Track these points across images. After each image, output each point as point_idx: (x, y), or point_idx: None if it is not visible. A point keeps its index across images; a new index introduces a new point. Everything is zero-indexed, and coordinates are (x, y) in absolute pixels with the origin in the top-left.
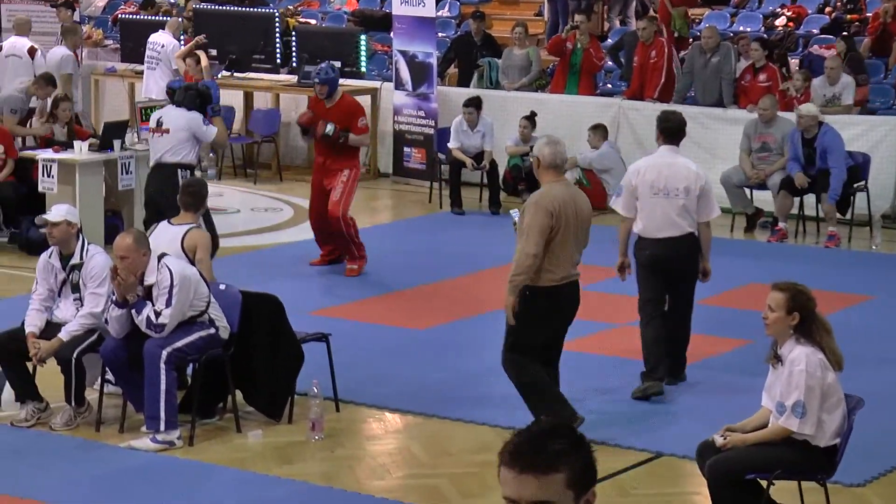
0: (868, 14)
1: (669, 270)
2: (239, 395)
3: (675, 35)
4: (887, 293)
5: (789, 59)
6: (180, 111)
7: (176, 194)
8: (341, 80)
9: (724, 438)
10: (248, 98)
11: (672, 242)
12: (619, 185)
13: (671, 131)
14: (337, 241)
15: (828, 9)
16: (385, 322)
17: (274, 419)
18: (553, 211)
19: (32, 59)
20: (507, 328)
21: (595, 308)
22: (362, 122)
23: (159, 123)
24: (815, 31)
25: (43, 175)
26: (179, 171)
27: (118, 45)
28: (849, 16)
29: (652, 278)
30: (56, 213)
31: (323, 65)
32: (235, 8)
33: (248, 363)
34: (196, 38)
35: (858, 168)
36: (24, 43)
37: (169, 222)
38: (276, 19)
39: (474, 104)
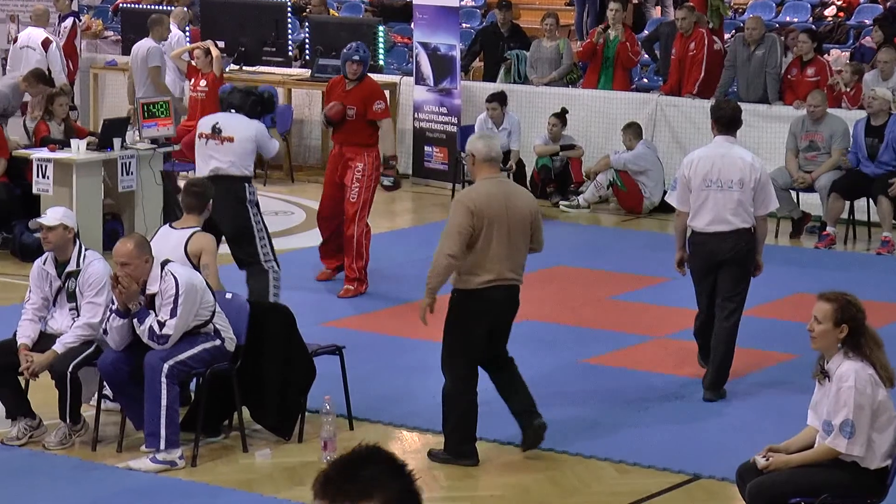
0: None
1: (720, 266)
2: (246, 411)
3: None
4: None
5: (840, 51)
6: (242, 119)
7: (240, 211)
8: None
9: (767, 460)
10: None
11: (725, 237)
12: (674, 178)
13: (725, 120)
14: (344, 248)
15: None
16: (403, 334)
17: (283, 438)
18: (474, 210)
19: (46, 50)
20: (443, 331)
21: (631, 319)
22: (378, 105)
23: (216, 130)
24: (868, 21)
25: (38, 176)
26: (247, 185)
27: (119, 37)
28: None
29: (705, 274)
30: (52, 216)
31: (355, 43)
32: None
33: (255, 377)
34: (201, 42)
35: None
36: (39, 34)
37: (171, 226)
38: (289, 9)
39: (499, 99)
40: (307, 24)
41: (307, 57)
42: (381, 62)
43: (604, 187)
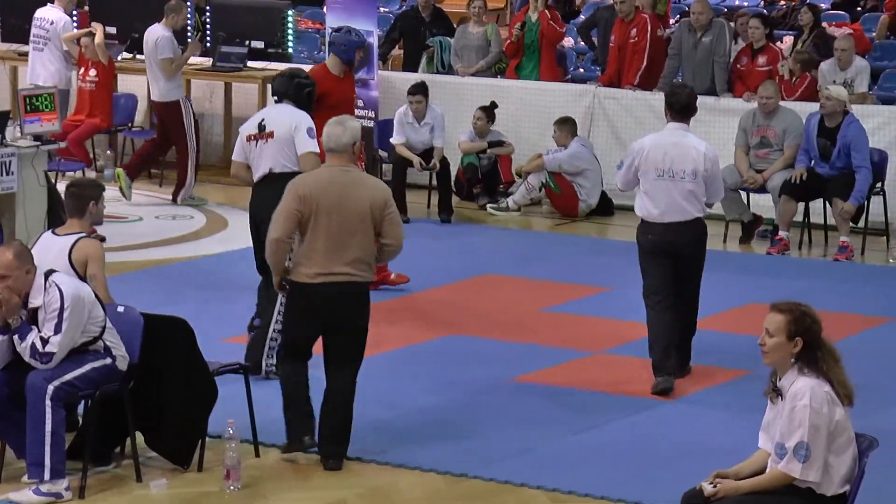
0: None
1: (677, 257)
2: (140, 437)
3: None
4: None
5: (794, 38)
6: (285, 110)
7: None
8: (263, 64)
9: (715, 486)
10: None
11: (678, 228)
12: (622, 159)
13: (679, 106)
14: None
15: None
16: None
17: (181, 466)
18: (304, 195)
19: None
20: None
21: (566, 333)
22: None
23: (262, 128)
24: (825, 6)
25: None
26: None
27: None
28: None
29: (657, 265)
30: None
31: (347, 27)
32: None
33: (150, 400)
34: (91, 26)
35: (876, 167)
36: None
37: (54, 232)
38: None
39: (422, 91)
40: (207, 7)
41: (208, 44)
42: (290, 50)
43: (536, 189)
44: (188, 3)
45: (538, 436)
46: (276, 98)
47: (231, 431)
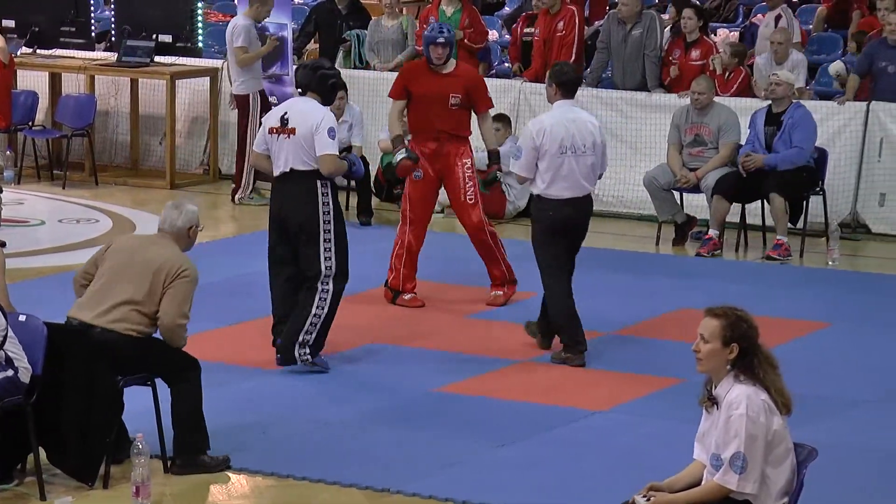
0: None
1: (575, 232)
2: (43, 453)
3: None
4: (846, 320)
5: (728, 31)
6: (309, 105)
7: (311, 209)
8: (171, 59)
9: (648, 500)
10: (56, 81)
11: (579, 203)
12: (518, 147)
13: (571, 84)
14: (484, 257)
15: None
16: (228, 360)
17: (86, 483)
18: (106, 250)
19: None
20: None
21: (492, 341)
22: (487, 93)
23: (284, 122)
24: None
25: None
26: (319, 181)
27: None
28: None
29: (557, 241)
30: None
31: (437, 23)
32: None
33: (54, 413)
34: None
35: (814, 166)
36: None
37: None
38: None
39: (343, 87)
40: (112, 0)
41: (112, 39)
42: (200, 44)
43: None
44: None
45: (464, 448)
46: (299, 91)
47: (140, 447)
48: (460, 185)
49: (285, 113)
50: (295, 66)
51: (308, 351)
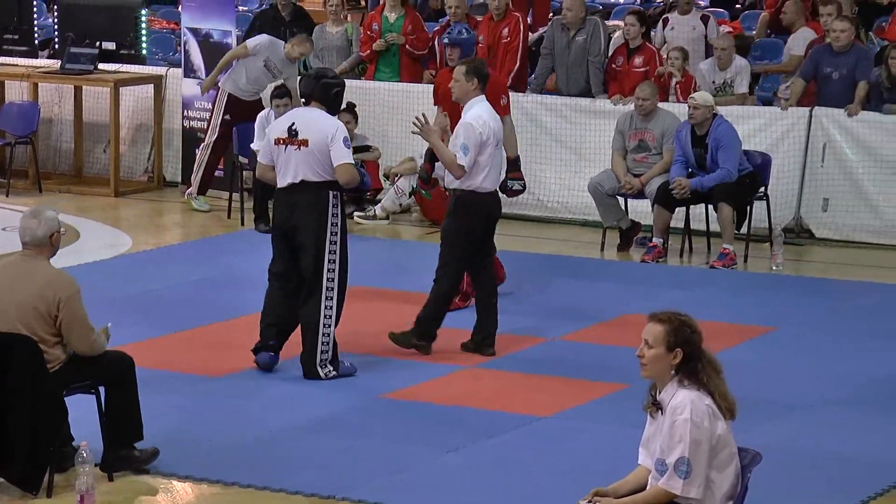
0: None
1: (495, 223)
2: None
3: None
4: (790, 324)
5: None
6: (319, 115)
7: (320, 221)
8: (115, 66)
9: None
10: None
11: (497, 195)
12: (465, 145)
13: (487, 80)
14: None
15: None
16: (172, 368)
17: (30, 492)
18: None
19: None
20: None
21: (439, 346)
22: (504, 100)
23: (294, 133)
24: (703, 2)
25: None
26: (330, 193)
27: None
28: None
29: (478, 235)
30: None
31: (458, 25)
32: None
33: None
34: None
35: (757, 172)
36: None
37: None
38: None
39: (287, 94)
40: (55, 7)
41: (55, 46)
42: (144, 52)
43: (405, 194)
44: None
45: (409, 455)
46: (303, 100)
47: (84, 455)
48: None
49: (293, 123)
50: (298, 77)
51: (330, 368)
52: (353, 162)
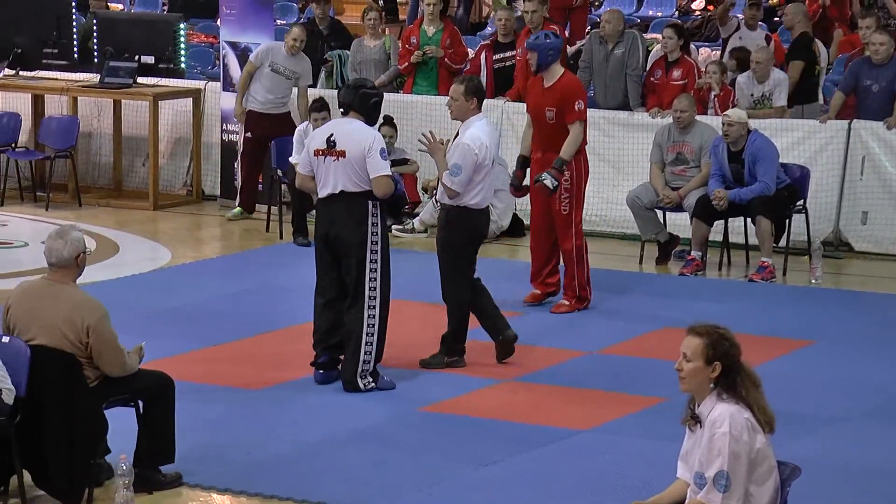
0: None
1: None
2: (27, 475)
3: None
4: (829, 337)
5: (710, 50)
6: (357, 126)
7: (360, 229)
8: (154, 80)
9: None
10: (38, 102)
11: (487, 212)
12: (457, 165)
13: (484, 95)
14: (564, 266)
15: None
16: (210, 381)
17: None
18: (7, 304)
19: None
20: None
21: (476, 360)
22: (579, 105)
23: (332, 144)
24: (741, 16)
25: None
26: (370, 202)
27: None
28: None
29: (474, 251)
30: None
31: (544, 31)
32: None
33: (38, 435)
34: None
35: (795, 185)
36: None
37: None
38: (73, 4)
39: (326, 108)
40: (94, 21)
41: (95, 59)
42: (182, 65)
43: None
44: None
45: (445, 469)
46: (341, 110)
47: (124, 467)
48: (557, 197)
49: (331, 135)
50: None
51: (370, 380)
52: (389, 174)
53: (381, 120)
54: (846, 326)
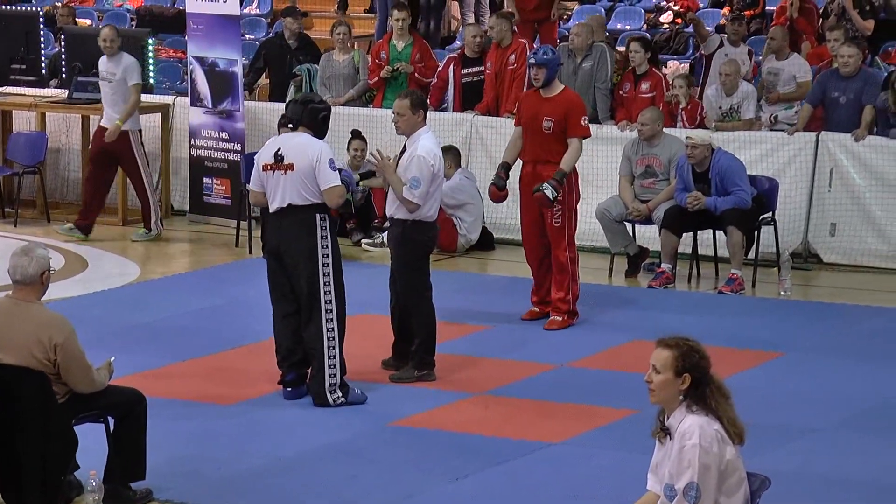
0: (770, 8)
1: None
2: None
3: None
4: (798, 349)
5: (678, 63)
6: (304, 139)
7: (309, 242)
8: None
9: None
10: (6, 118)
11: (436, 224)
12: (416, 178)
13: (427, 108)
14: (554, 280)
15: (725, 8)
16: (181, 396)
17: None
18: None
19: None
20: None
21: (447, 373)
22: (585, 121)
23: (279, 158)
24: (709, 29)
25: None
26: (318, 215)
27: None
28: (745, 11)
29: (427, 262)
30: None
31: (543, 46)
32: None
33: (8, 452)
34: None
35: (764, 196)
36: None
37: None
38: (41, 19)
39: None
40: (62, 36)
41: (63, 75)
42: (151, 80)
43: None
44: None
45: (418, 483)
46: (290, 125)
47: (94, 483)
48: (550, 211)
49: (279, 149)
50: (286, 101)
51: (340, 393)
52: (339, 183)
53: (350, 134)
54: (815, 338)
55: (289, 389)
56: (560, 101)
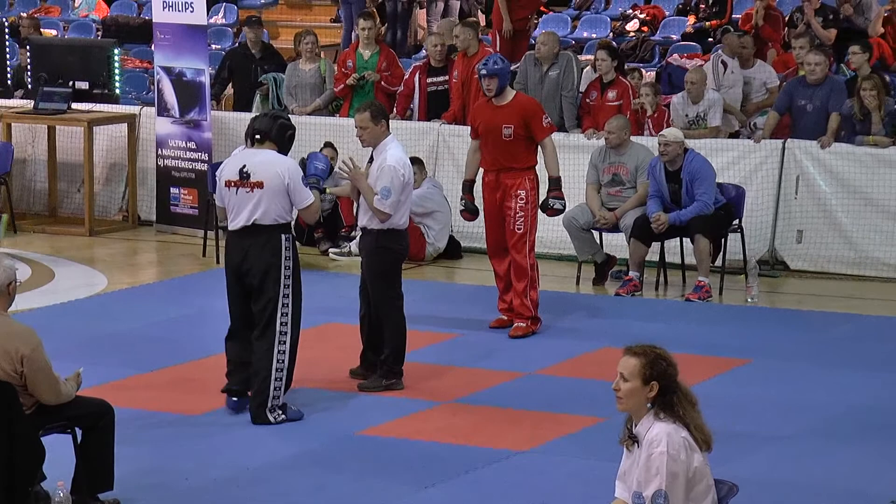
0: (736, 16)
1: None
2: None
3: None
4: (766, 356)
5: (645, 71)
6: (271, 156)
7: (273, 262)
8: (88, 105)
9: None
10: None
11: (407, 233)
12: (386, 188)
13: (388, 116)
14: (514, 286)
15: (691, 16)
16: (148, 407)
17: None
18: None
19: None
20: None
21: (414, 382)
22: (546, 120)
23: (245, 175)
24: (675, 37)
25: None
26: (283, 235)
27: None
28: (708, 22)
29: (399, 272)
30: None
31: (492, 55)
32: None
33: None
34: None
35: (731, 204)
36: None
37: None
38: (6, 30)
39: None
40: (28, 47)
41: (29, 86)
42: (117, 90)
43: None
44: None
45: (386, 491)
46: (257, 137)
47: (61, 494)
48: (511, 216)
49: (244, 166)
50: (253, 112)
51: (280, 413)
52: (313, 199)
53: (322, 144)
54: (783, 345)
55: (234, 399)
56: (515, 107)
